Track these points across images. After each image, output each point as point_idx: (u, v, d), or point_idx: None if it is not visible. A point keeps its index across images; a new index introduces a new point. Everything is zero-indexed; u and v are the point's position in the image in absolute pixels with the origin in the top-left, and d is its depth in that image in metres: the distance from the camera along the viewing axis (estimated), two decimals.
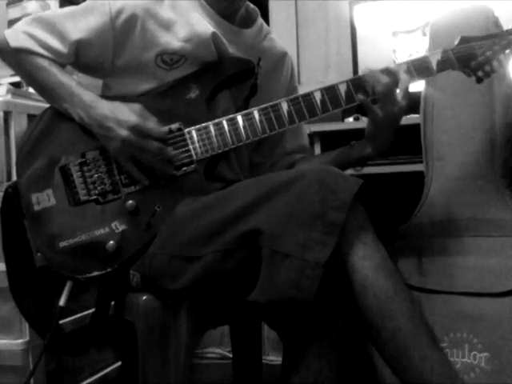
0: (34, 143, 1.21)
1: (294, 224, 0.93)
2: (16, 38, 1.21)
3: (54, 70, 1.21)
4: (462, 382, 0.93)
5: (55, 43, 1.21)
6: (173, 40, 1.23)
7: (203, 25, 1.26)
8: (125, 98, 1.23)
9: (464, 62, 1.22)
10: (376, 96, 1.16)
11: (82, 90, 1.19)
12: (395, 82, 1.16)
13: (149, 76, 1.24)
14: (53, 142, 1.21)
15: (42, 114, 1.24)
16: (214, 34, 1.25)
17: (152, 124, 1.17)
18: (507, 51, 1.22)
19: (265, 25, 1.41)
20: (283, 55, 1.45)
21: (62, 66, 1.24)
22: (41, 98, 1.28)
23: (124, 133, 1.14)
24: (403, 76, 1.16)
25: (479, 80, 1.23)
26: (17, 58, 1.23)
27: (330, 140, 1.80)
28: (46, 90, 1.22)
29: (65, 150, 1.20)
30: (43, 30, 1.21)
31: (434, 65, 1.21)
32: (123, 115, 1.16)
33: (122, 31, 1.22)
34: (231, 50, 1.29)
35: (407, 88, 1.16)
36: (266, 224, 0.95)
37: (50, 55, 1.21)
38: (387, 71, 1.16)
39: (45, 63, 1.21)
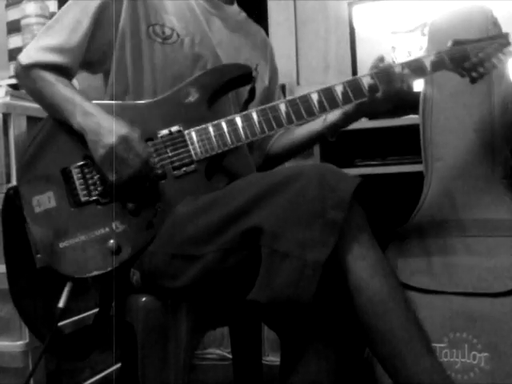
0: (36, 147, 1.21)
1: (294, 222, 0.94)
2: (27, 56, 1.24)
3: (60, 85, 1.22)
4: None
5: (64, 40, 1.23)
6: (161, 12, 1.28)
7: (189, 2, 1.32)
8: (125, 99, 1.26)
9: (457, 62, 1.24)
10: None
11: (82, 99, 1.20)
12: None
13: (145, 50, 1.27)
14: (55, 147, 1.21)
15: (45, 120, 1.25)
16: (200, 7, 1.32)
17: (137, 141, 1.15)
18: (500, 54, 1.25)
19: (240, 8, 1.48)
20: (264, 39, 1.53)
21: (72, 73, 1.27)
22: None
23: (111, 140, 1.13)
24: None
25: (473, 80, 1.25)
26: (28, 77, 1.24)
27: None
28: (51, 103, 1.22)
29: (66, 153, 1.20)
30: (51, 36, 1.24)
31: (428, 65, 1.23)
32: (114, 125, 1.15)
33: (117, 5, 1.25)
34: (217, 23, 1.35)
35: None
36: (266, 223, 0.96)
37: (60, 59, 1.22)
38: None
39: (51, 78, 1.22)
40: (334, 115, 1.32)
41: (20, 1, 1.92)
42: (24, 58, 1.24)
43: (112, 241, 1.14)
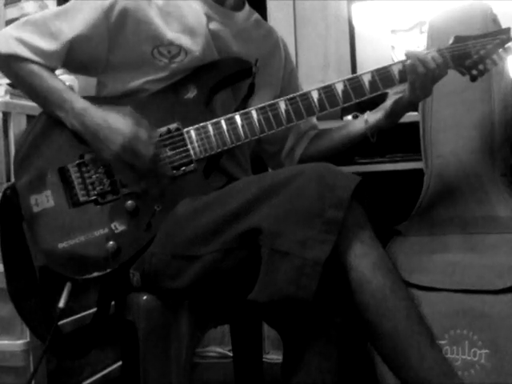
0: (31, 145, 1.21)
1: (293, 222, 0.93)
2: (5, 43, 1.20)
3: (45, 75, 1.20)
4: (460, 381, 0.93)
5: (46, 45, 1.20)
6: (167, 31, 1.23)
7: (196, 14, 1.27)
8: (121, 97, 1.24)
9: (458, 60, 1.23)
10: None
11: (74, 97, 1.19)
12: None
13: (148, 70, 1.24)
14: (51, 144, 1.20)
15: (38, 116, 1.24)
16: (208, 19, 1.27)
17: (144, 131, 1.16)
18: (500, 50, 1.24)
19: (253, 10, 1.42)
20: (276, 41, 1.46)
21: (53, 69, 1.23)
22: None
23: (118, 142, 1.14)
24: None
25: (473, 78, 1.25)
26: (7, 65, 1.22)
27: None
28: (37, 95, 1.22)
29: (63, 151, 1.20)
30: (33, 33, 1.20)
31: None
32: (116, 124, 1.16)
33: (116, 24, 1.21)
34: (225, 35, 1.30)
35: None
36: (265, 222, 0.95)
37: (40, 59, 1.20)
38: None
39: (35, 68, 1.20)
40: (375, 116, 1.32)
41: None
42: (3, 46, 1.19)
43: (111, 242, 1.14)
